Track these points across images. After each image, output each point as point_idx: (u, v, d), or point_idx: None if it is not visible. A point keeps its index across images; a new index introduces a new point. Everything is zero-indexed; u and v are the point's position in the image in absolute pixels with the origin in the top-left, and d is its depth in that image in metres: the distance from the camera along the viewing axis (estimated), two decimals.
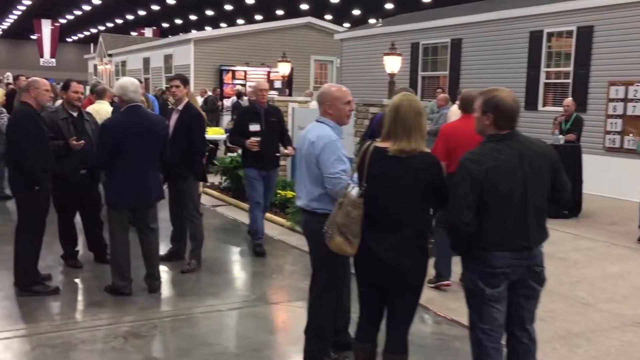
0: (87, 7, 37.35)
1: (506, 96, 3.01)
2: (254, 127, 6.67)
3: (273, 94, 15.35)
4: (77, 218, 6.24)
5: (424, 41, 15.60)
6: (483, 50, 13.90)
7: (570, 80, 12.03)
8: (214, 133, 12.98)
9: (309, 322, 4.01)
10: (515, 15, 13.12)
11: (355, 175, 3.69)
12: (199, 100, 18.30)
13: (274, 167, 6.99)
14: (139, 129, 5.21)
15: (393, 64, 11.49)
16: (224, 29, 22.52)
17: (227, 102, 16.67)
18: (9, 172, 5.44)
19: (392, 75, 11.19)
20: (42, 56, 42.34)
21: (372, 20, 36.51)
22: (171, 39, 24.64)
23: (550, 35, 12.45)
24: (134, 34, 41.98)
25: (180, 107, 6.13)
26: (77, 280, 5.79)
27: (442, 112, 10.20)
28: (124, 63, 26.99)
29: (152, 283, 5.43)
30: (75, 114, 6.08)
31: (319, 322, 3.96)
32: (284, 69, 11.59)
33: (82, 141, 5.85)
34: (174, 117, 6.12)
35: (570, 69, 12.02)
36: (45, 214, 5.39)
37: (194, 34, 21.83)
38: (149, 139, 5.27)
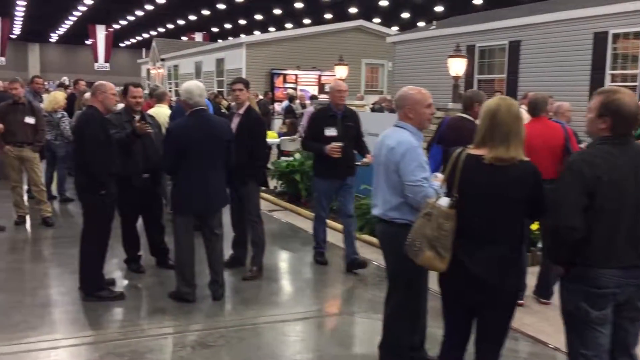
0: (140, 13, 38.01)
1: (628, 100, 2.74)
2: (330, 132, 6.08)
3: (323, 98, 15.24)
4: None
5: (480, 43, 15.21)
6: (543, 53, 13.44)
7: (638, 83, 11.50)
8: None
9: (384, 336, 3.83)
10: (578, 16, 12.63)
11: (435, 184, 3.51)
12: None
13: (351, 175, 6.28)
14: (203, 134, 5.12)
15: (458, 66, 11.10)
16: (276, 32, 22.57)
17: (280, 106, 16.62)
18: (75, 176, 5.43)
19: (456, 79, 10.83)
20: (96, 61, 43.30)
21: (420, 24, 36.07)
22: (223, 43, 24.83)
23: (616, 36, 11.94)
24: (184, 38, 42.57)
25: (241, 111, 6.03)
26: (140, 286, 5.74)
27: None
28: (176, 67, 27.34)
29: (216, 290, 5.34)
30: (137, 117, 6.07)
31: (396, 337, 3.77)
32: (340, 72, 11.40)
33: (148, 125, 5.81)
34: (235, 121, 6.02)
35: (638, 71, 11.50)
36: (111, 218, 5.36)
37: (246, 37, 21.90)
38: (213, 143, 5.18)
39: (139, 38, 50.54)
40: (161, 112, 7.49)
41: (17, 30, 45.49)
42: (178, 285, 5.27)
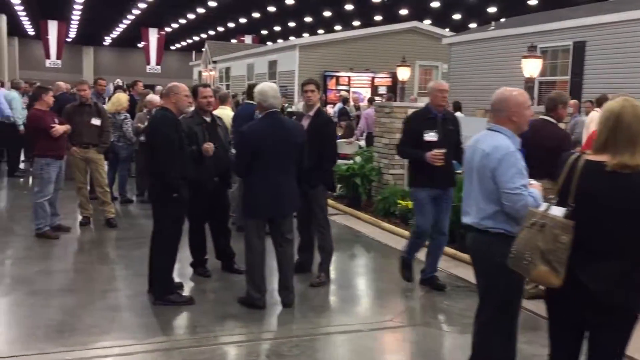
0: (191, 16, 38.51)
1: None
2: (430, 137, 5.47)
3: (379, 100, 15.03)
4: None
5: (542, 44, 14.72)
6: (611, 54, 12.91)
7: None
8: None
9: (475, 352, 3.60)
10: None
11: (535, 192, 3.28)
12: (301, 106, 18.29)
13: (451, 185, 5.66)
14: (277, 136, 5.00)
15: (533, 67, 10.65)
16: (329, 34, 22.44)
17: (333, 108, 16.48)
18: (151, 179, 5.37)
19: (530, 80, 10.38)
20: (148, 63, 44.09)
21: (472, 25, 35.44)
22: (276, 45, 24.88)
23: None
24: (233, 41, 42.94)
25: (311, 113, 5.89)
26: (208, 290, 5.65)
27: (576, 119, 9.45)
28: (228, 69, 27.54)
29: (287, 296, 5.20)
30: (208, 120, 6.00)
31: (488, 354, 3.54)
32: (403, 73, 11.15)
33: (213, 146, 5.75)
34: (305, 123, 5.88)
35: None
36: (182, 221, 5.30)
37: (299, 39, 21.90)
38: (286, 146, 5.05)
39: (189, 41, 51.26)
40: (224, 114, 7.44)
41: (72, 33, 46.73)
42: (248, 290, 5.15)
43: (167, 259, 5.18)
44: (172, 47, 54.81)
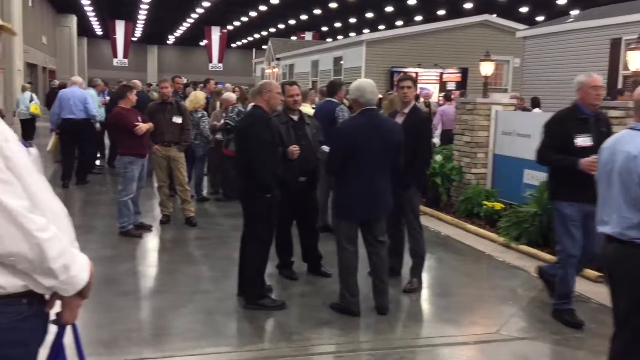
0: (253, 14, 38.75)
1: None
2: (584, 142, 4.63)
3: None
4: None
5: (627, 36, 13.93)
6: None
7: None
8: None
9: None
10: None
11: None
12: None
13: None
14: (373, 134, 4.75)
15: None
16: (397, 29, 22.03)
17: None
18: (242, 179, 5.21)
19: (637, 74, 9.65)
20: (210, 61, 44.76)
21: (539, 18, 34.23)
22: (341, 41, 24.64)
23: None
24: (293, 38, 43.00)
25: (406, 110, 5.61)
26: (296, 294, 5.45)
27: None
28: (291, 66, 27.50)
29: (382, 302, 4.95)
30: (295, 118, 5.81)
31: None
32: (486, 69, 10.72)
33: (298, 149, 5.55)
34: (399, 121, 5.60)
35: None
36: (274, 222, 5.12)
37: (366, 35, 21.54)
38: (383, 145, 4.80)
39: (250, 38, 51.68)
40: (304, 111, 7.23)
41: (138, 33, 47.84)
42: (342, 295, 4.93)
43: (259, 261, 5.01)
44: (233, 45, 55.40)
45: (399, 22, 40.90)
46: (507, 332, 4.65)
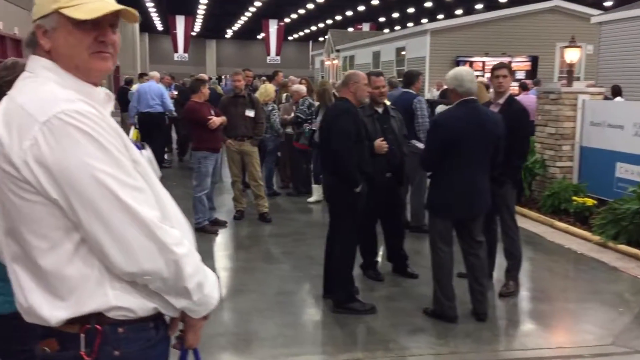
0: (310, 6, 38.52)
1: None
2: None
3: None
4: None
5: None
6: None
7: None
8: None
9: None
10: None
11: None
12: (435, 93, 17.42)
13: None
14: (474, 127, 4.39)
15: None
16: (462, 17, 21.30)
17: None
18: (327, 175, 4.96)
19: None
20: (268, 54, 44.83)
21: (607, 3, 32.63)
22: (404, 30, 24.04)
23: None
24: (350, 29, 42.57)
25: (501, 101, 5.21)
26: (384, 297, 5.14)
27: None
28: (351, 58, 27.11)
29: (481, 307, 4.59)
30: (380, 111, 5.50)
31: None
32: (571, 55, 10.11)
33: (386, 145, 5.23)
34: None
35: None
36: (360, 220, 4.83)
37: (430, 24, 20.91)
38: (484, 138, 4.44)
39: (307, 31, 51.53)
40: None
41: (197, 28, 48.39)
42: (436, 299, 4.60)
43: (348, 261, 4.74)
44: (290, 38, 55.42)
45: (459, 11, 39.88)
46: (624, 344, 4.22)
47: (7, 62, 2.18)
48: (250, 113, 7.51)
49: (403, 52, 21.50)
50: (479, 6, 37.23)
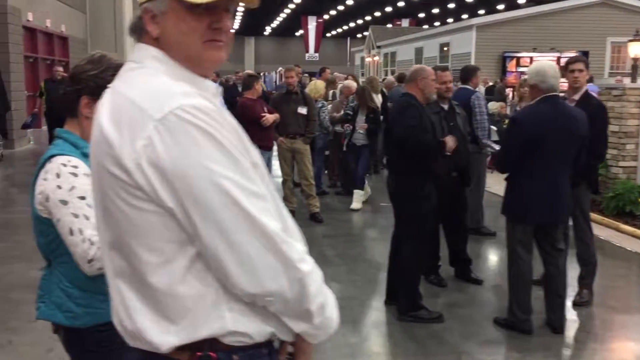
0: (349, 2, 38.23)
1: None
2: None
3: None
4: None
5: None
6: None
7: None
8: None
9: None
10: None
11: None
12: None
13: None
14: (559, 125, 4.09)
15: None
16: (510, 12, 20.72)
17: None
18: (393, 174, 4.73)
19: None
20: (307, 51, 44.71)
21: None
22: (448, 26, 23.60)
23: None
24: (389, 25, 42.17)
25: (576, 97, 4.88)
26: (449, 304, 4.89)
27: None
28: (393, 54, 26.77)
29: (558, 318, 4.30)
30: (446, 107, 5.24)
31: None
32: (636, 49, 9.66)
33: (455, 141, 4.96)
34: None
35: None
36: (431, 222, 4.60)
37: (476, 19, 20.42)
38: (568, 137, 4.14)
39: (345, 27, 51.27)
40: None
41: (236, 25, 48.60)
42: (511, 311, 4.33)
43: (416, 267, 4.51)
44: (328, 34, 55.22)
45: (500, 7, 39.12)
46: None
47: (95, 56, 2.02)
48: (302, 110, 7.32)
49: (447, 48, 21.08)
50: (521, 0, 36.46)
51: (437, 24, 47.45)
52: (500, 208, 4.43)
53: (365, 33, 34.83)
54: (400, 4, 40.89)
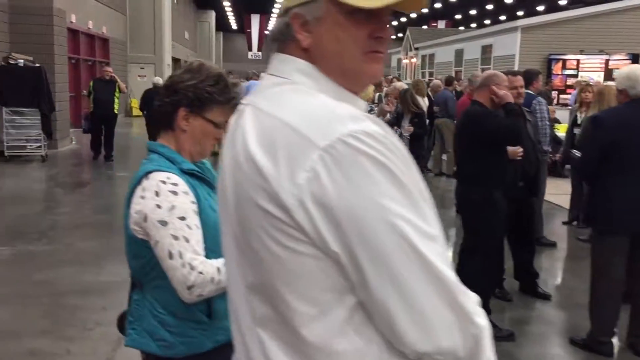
0: None
1: None
2: None
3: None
4: None
5: None
6: None
7: None
8: (563, 131, 11.23)
9: None
10: None
11: None
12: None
13: None
14: None
15: None
16: (556, 13, 20.20)
17: (571, 95, 14.67)
18: (461, 185, 4.52)
19: None
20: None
21: None
22: (491, 27, 23.14)
23: None
24: (424, 27, 41.75)
25: None
26: (518, 320, 4.65)
27: None
28: (431, 56, 26.40)
29: None
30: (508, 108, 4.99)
31: None
32: None
33: (521, 150, 4.73)
34: None
35: None
36: (502, 234, 4.37)
37: (521, 20, 19.95)
38: None
39: None
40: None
41: (270, 26, 48.68)
42: (593, 330, 4.05)
43: (487, 281, 4.28)
44: None
45: (540, 7, 38.39)
46: None
47: (193, 65, 1.87)
48: None
49: (489, 50, 20.65)
50: (562, 2, 35.70)
51: (473, 25, 46.85)
52: (558, 216, 4.18)
53: (400, 35, 34.49)
54: (437, 5, 40.50)
